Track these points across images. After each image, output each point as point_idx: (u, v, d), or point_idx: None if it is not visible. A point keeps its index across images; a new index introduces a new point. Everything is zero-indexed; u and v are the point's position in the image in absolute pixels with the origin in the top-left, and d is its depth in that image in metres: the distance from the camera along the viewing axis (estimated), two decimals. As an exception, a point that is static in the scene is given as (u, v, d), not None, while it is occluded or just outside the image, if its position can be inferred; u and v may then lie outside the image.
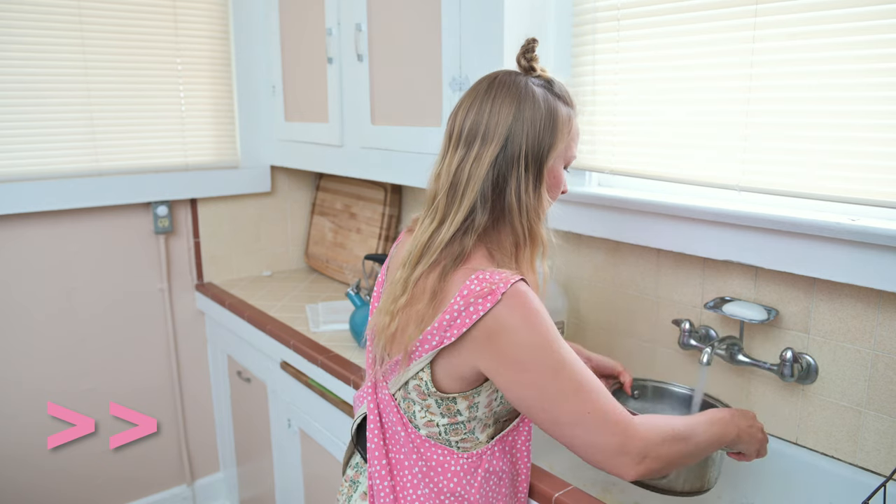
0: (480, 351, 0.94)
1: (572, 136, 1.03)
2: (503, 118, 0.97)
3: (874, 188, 1.07)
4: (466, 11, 1.48)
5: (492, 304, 0.91)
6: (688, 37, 1.28)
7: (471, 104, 1.00)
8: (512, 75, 1.01)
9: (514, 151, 0.96)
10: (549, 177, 1.01)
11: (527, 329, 0.91)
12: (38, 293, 2.09)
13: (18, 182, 1.98)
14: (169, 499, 2.42)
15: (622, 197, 1.42)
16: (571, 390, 0.91)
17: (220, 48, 2.28)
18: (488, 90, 0.99)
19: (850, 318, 1.18)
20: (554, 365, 0.91)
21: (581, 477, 1.40)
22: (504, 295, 0.91)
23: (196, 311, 2.39)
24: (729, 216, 1.23)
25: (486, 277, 0.92)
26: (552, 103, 0.99)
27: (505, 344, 0.92)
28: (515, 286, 0.92)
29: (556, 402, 0.92)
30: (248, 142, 2.37)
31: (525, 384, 0.92)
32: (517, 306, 0.91)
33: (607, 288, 1.59)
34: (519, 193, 0.97)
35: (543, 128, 0.97)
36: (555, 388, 0.91)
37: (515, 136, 0.96)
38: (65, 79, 2.02)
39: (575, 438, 0.93)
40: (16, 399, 2.09)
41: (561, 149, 1.00)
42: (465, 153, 0.98)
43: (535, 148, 0.97)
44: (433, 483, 1.04)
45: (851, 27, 1.07)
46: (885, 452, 1.17)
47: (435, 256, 0.97)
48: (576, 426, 0.92)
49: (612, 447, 0.91)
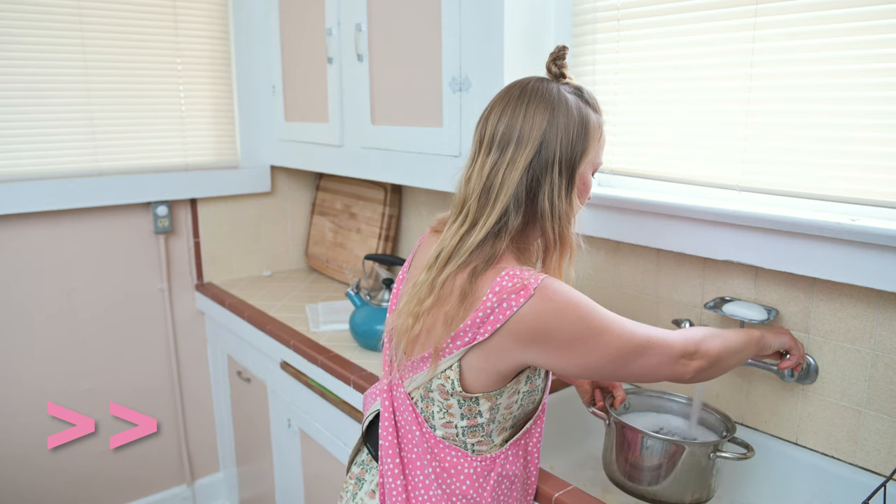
0: (527, 347, 0.95)
1: (601, 143, 1.05)
2: (538, 123, 0.98)
3: (874, 188, 1.07)
4: (466, 11, 1.48)
5: (525, 299, 0.92)
6: (688, 37, 1.28)
7: (503, 109, 1.00)
8: (544, 82, 1.02)
9: (548, 157, 0.97)
10: (580, 182, 1.02)
11: (567, 320, 0.94)
12: (38, 293, 2.09)
13: (18, 182, 1.98)
14: (169, 499, 2.42)
15: (622, 197, 1.42)
16: (629, 343, 0.97)
17: (220, 48, 2.28)
18: (521, 96, 1.00)
19: (850, 318, 1.18)
20: (603, 335, 0.95)
21: (581, 477, 1.40)
22: (536, 289, 0.92)
23: (196, 311, 2.39)
24: (729, 216, 1.23)
25: (517, 273, 0.94)
26: (584, 110, 1.01)
27: (552, 338, 0.94)
28: (545, 280, 0.94)
29: (625, 359, 0.97)
30: (248, 142, 2.37)
31: (586, 356, 0.96)
32: (550, 299, 0.93)
33: (607, 288, 1.59)
34: (552, 198, 0.99)
35: (577, 134, 0.99)
36: (615, 350, 0.96)
37: (550, 141, 0.97)
38: (65, 79, 2.02)
39: (642, 368, 1.00)
40: (16, 399, 2.09)
41: (591, 155, 1.02)
42: (499, 157, 0.99)
43: (568, 154, 0.99)
44: (445, 485, 1.04)
45: (851, 27, 1.07)
46: (885, 452, 1.17)
47: (465, 258, 0.98)
48: (649, 368, 1.00)
49: (670, 359, 1.00)
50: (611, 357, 0.97)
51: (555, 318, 0.93)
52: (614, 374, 1.01)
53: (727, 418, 1.22)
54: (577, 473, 1.41)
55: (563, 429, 1.52)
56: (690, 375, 1.02)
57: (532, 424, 1.09)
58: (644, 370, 1.00)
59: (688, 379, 1.03)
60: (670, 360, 1.00)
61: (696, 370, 1.02)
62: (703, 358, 1.02)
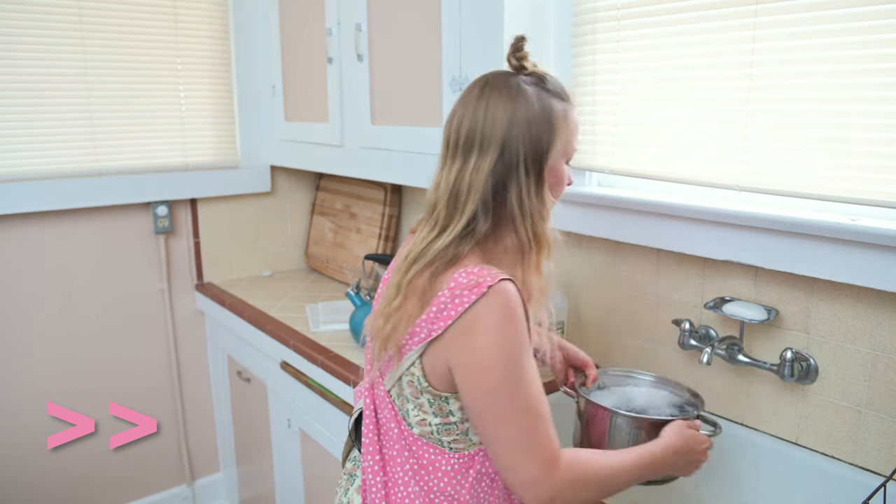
0: (457, 343, 0.93)
1: (571, 131, 1.01)
2: (498, 123, 0.95)
3: (874, 188, 1.07)
4: (466, 11, 1.48)
5: (477, 296, 0.90)
6: (688, 37, 1.28)
7: (465, 109, 0.99)
8: (503, 76, 0.99)
9: (511, 157, 0.95)
10: (551, 176, 1.00)
11: (501, 333, 0.91)
12: (38, 293, 2.09)
13: (18, 182, 1.98)
14: (169, 499, 2.42)
15: (622, 197, 1.42)
16: (520, 409, 0.91)
17: (220, 48, 2.28)
18: (481, 95, 0.98)
19: (850, 317, 1.18)
20: (514, 379, 0.91)
21: (581, 477, 1.40)
22: (490, 288, 0.90)
23: (196, 311, 2.39)
24: (729, 216, 1.23)
25: (475, 272, 0.93)
26: (546, 101, 0.97)
27: (477, 342, 0.92)
28: (502, 283, 0.92)
29: (501, 415, 0.92)
30: (248, 142, 2.37)
31: (481, 388, 0.92)
32: (498, 305, 0.91)
33: (607, 288, 1.59)
34: (521, 198, 0.96)
35: (539, 128, 0.96)
36: (506, 401, 0.91)
37: (512, 140, 0.95)
38: (65, 79, 2.02)
39: (500, 455, 0.94)
40: (16, 399, 2.09)
41: (560, 146, 0.99)
42: (464, 162, 0.97)
43: (533, 150, 0.96)
44: (423, 482, 1.03)
45: (851, 27, 1.07)
46: (885, 452, 1.17)
47: (428, 259, 0.97)
48: (507, 444, 0.92)
49: (528, 477, 0.92)
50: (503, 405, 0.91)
51: (493, 322, 0.91)
52: (481, 418, 0.94)
53: (696, 395, 1.19)
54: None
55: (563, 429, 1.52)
56: (540, 501, 0.93)
57: None
58: (503, 446, 0.93)
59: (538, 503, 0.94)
60: (530, 477, 0.91)
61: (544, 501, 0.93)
62: (559, 502, 0.93)
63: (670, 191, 1.42)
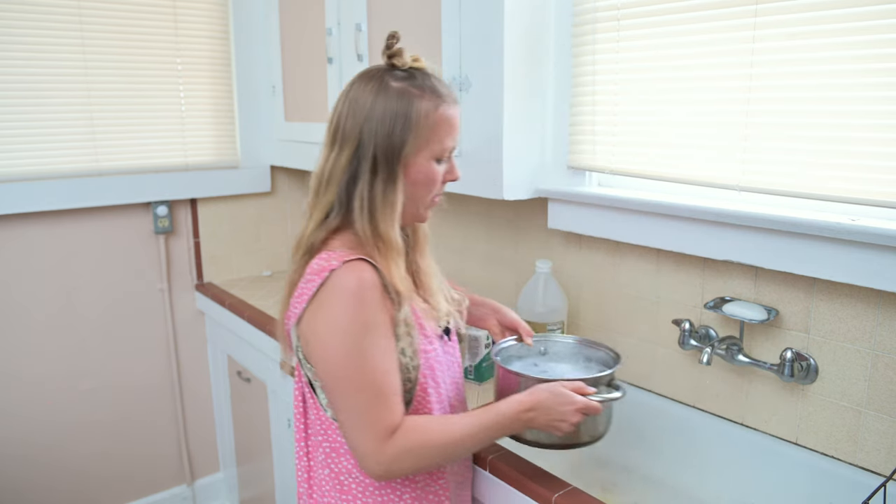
0: (308, 325, 0.98)
1: (436, 128, 0.99)
2: (358, 118, 0.97)
3: (874, 188, 1.07)
4: (466, 11, 1.48)
5: (321, 280, 0.96)
6: (688, 37, 1.28)
7: (337, 102, 1.02)
8: (374, 72, 1.00)
9: (364, 152, 0.97)
10: (414, 174, 1.00)
11: (341, 313, 0.94)
12: (38, 293, 2.09)
13: (18, 182, 1.98)
14: (169, 499, 2.41)
15: (622, 197, 1.42)
16: (360, 386, 0.95)
17: (220, 48, 2.28)
18: (350, 89, 1.00)
19: (850, 317, 1.18)
20: (354, 357, 0.95)
21: (581, 477, 1.40)
22: (333, 272, 0.95)
23: (196, 311, 2.39)
24: (729, 216, 1.23)
25: (324, 257, 0.98)
26: (408, 98, 0.97)
27: (321, 322, 0.96)
28: (350, 264, 0.95)
29: (342, 391, 0.96)
30: (248, 142, 2.37)
31: (326, 366, 0.97)
32: (340, 287, 0.95)
33: (607, 288, 1.59)
34: (362, 195, 0.98)
35: (394, 125, 0.96)
36: (346, 378, 0.95)
37: (367, 135, 0.97)
38: (65, 79, 2.02)
39: (343, 429, 0.99)
40: (16, 399, 2.09)
41: (421, 144, 0.98)
42: (329, 153, 1.01)
43: (385, 147, 0.97)
44: (334, 463, 1.06)
45: (851, 27, 1.07)
46: (885, 452, 1.17)
47: (303, 250, 1.03)
48: (347, 419, 0.97)
49: (362, 451, 0.96)
50: (342, 380, 0.96)
51: (333, 300, 0.95)
52: (329, 394, 0.99)
53: (616, 358, 1.17)
54: (577, 473, 1.41)
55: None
56: (374, 479, 1.00)
57: (418, 404, 1.04)
58: (344, 421, 0.98)
59: (373, 478, 0.99)
60: (365, 450, 0.96)
61: (379, 479, 1.00)
62: (391, 476, 0.99)
63: (670, 191, 1.42)
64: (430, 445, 0.98)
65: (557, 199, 1.57)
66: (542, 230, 1.71)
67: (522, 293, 1.58)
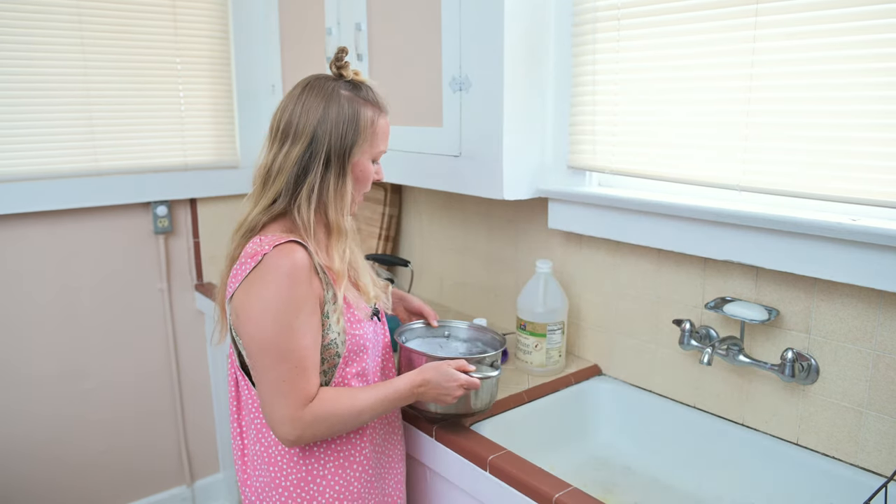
0: (240, 300, 1.08)
1: (377, 134, 1.16)
2: (311, 119, 1.11)
3: (875, 188, 1.07)
4: (466, 11, 1.48)
5: (255, 262, 1.06)
6: (688, 37, 1.28)
7: (286, 104, 1.15)
8: (323, 80, 1.15)
9: (317, 149, 1.11)
10: (357, 172, 1.15)
11: (272, 289, 1.05)
12: (38, 293, 2.09)
13: (18, 182, 1.98)
14: (168, 499, 2.41)
15: (622, 197, 1.42)
16: (282, 357, 1.05)
17: (220, 48, 2.28)
18: (301, 93, 1.14)
19: (850, 318, 1.18)
20: (280, 331, 1.05)
21: (582, 477, 1.40)
22: (266, 255, 1.06)
23: (196, 311, 2.39)
24: (729, 216, 1.23)
25: (262, 240, 1.09)
26: (356, 107, 1.13)
27: (252, 297, 1.06)
28: (281, 247, 1.06)
29: (266, 361, 1.06)
30: (247, 142, 2.37)
31: (252, 337, 1.07)
32: (273, 267, 1.05)
33: (608, 288, 1.59)
34: (312, 186, 1.11)
35: (346, 128, 1.12)
36: (270, 349, 1.05)
37: (320, 135, 1.10)
38: (65, 79, 2.02)
39: (261, 395, 1.09)
40: (16, 399, 2.09)
41: (365, 146, 1.14)
42: (279, 148, 1.13)
43: (338, 146, 1.11)
44: (264, 437, 1.16)
45: (852, 27, 1.07)
46: (886, 453, 1.17)
47: (242, 231, 1.15)
48: (268, 386, 1.07)
49: (279, 416, 1.07)
50: (264, 351, 1.06)
51: (262, 278, 1.05)
52: (252, 363, 1.09)
53: (501, 342, 1.33)
54: (578, 473, 1.41)
55: (563, 429, 1.52)
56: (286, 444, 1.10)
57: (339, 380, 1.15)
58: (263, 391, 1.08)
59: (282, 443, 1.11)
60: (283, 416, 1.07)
61: (291, 444, 1.10)
62: (305, 440, 1.10)
63: (671, 191, 1.42)
64: (339, 413, 1.10)
65: (558, 199, 1.57)
66: (542, 230, 1.71)
67: (522, 293, 1.58)
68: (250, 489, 1.20)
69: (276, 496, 1.15)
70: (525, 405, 1.45)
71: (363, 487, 1.20)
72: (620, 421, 1.54)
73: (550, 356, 1.56)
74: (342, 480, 1.17)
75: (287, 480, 1.15)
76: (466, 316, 1.96)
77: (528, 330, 1.55)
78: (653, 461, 1.44)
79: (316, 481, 1.16)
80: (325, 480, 1.16)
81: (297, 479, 1.15)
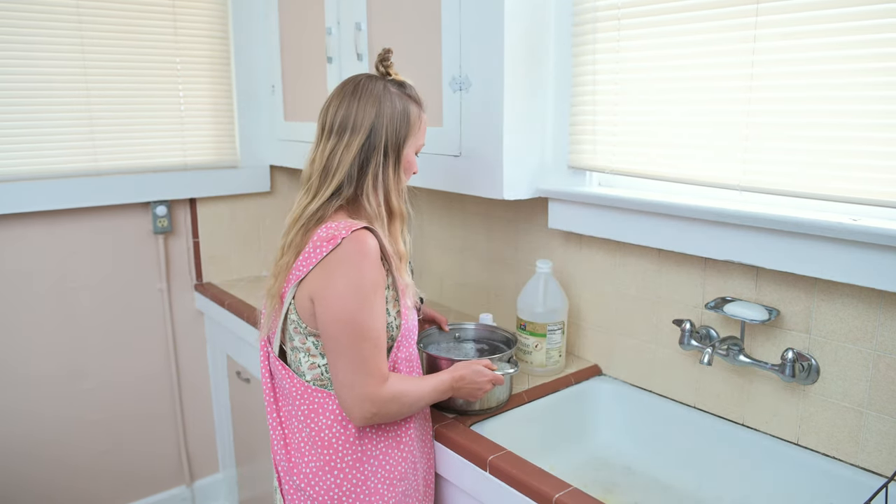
0: (317, 282, 1.13)
1: (422, 129, 1.25)
2: (368, 114, 1.18)
3: (875, 188, 1.07)
4: (466, 11, 1.48)
5: (333, 245, 1.11)
6: (688, 37, 1.28)
7: (340, 102, 1.21)
8: (373, 79, 1.22)
9: (376, 141, 1.18)
10: (405, 162, 1.23)
11: (353, 270, 1.11)
12: (38, 293, 2.09)
13: (18, 182, 1.98)
14: (168, 499, 2.41)
15: (622, 197, 1.42)
16: (364, 336, 1.12)
17: (220, 48, 2.28)
18: (354, 91, 1.20)
19: (851, 318, 1.18)
20: (362, 310, 1.11)
21: (582, 477, 1.40)
22: (344, 239, 1.11)
23: (195, 312, 2.38)
24: (730, 216, 1.23)
25: (334, 226, 1.14)
26: (406, 103, 1.22)
27: (333, 278, 1.11)
28: (357, 232, 1.12)
29: (347, 339, 1.11)
30: (247, 141, 2.37)
31: (334, 316, 1.11)
32: (352, 250, 1.11)
33: (608, 288, 1.59)
34: (377, 175, 1.19)
35: (400, 123, 1.20)
36: (352, 328, 1.11)
37: (378, 129, 1.18)
38: (65, 79, 2.01)
39: (340, 373, 1.13)
40: (15, 399, 2.09)
41: (412, 139, 1.23)
42: (337, 142, 1.19)
43: (394, 139, 1.20)
44: (313, 423, 1.20)
45: (852, 27, 1.06)
46: (886, 453, 1.16)
47: (303, 221, 1.19)
48: (348, 365, 1.12)
49: (362, 393, 1.13)
50: (345, 328, 1.11)
51: (347, 258, 1.11)
52: (331, 342, 1.13)
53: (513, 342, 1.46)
54: (578, 473, 1.41)
55: (563, 429, 1.52)
56: (359, 422, 1.16)
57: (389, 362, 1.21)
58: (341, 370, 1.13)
59: (355, 422, 1.16)
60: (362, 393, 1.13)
61: (365, 422, 1.16)
62: (379, 417, 1.16)
63: (671, 191, 1.42)
64: (410, 393, 1.18)
65: (558, 199, 1.56)
66: (542, 230, 1.71)
67: (522, 293, 1.58)
68: (299, 475, 1.22)
69: (332, 478, 1.20)
70: (525, 405, 1.45)
71: (408, 468, 1.25)
72: (620, 421, 1.54)
73: (550, 356, 1.56)
74: (392, 460, 1.23)
75: (343, 462, 1.19)
76: (467, 316, 1.96)
77: (529, 330, 1.55)
78: (653, 461, 1.44)
79: (370, 461, 1.21)
80: (376, 461, 1.21)
81: (353, 459, 1.20)
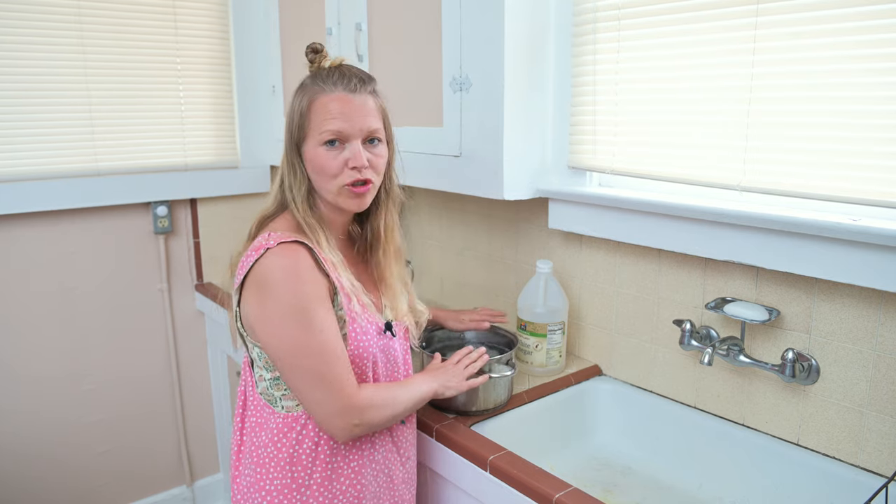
0: (250, 297, 1.07)
1: (314, 116, 1.10)
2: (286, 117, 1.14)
3: (876, 188, 1.07)
4: (466, 11, 1.48)
5: (256, 256, 1.05)
6: (689, 36, 1.28)
7: None
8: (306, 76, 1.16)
9: (286, 146, 1.14)
10: (308, 163, 1.12)
11: (281, 287, 1.03)
12: (38, 293, 2.09)
13: (18, 182, 1.98)
14: (168, 499, 2.41)
15: (622, 197, 1.42)
16: (314, 351, 1.03)
17: (220, 48, 2.28)
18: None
19: (851, 318, 1.18)
20: (302, 325, 1.03)
21: (582, 477, 1.40)
22: (269, 250, 1.04)
23: (195, 312, 2.38)
24: (730, 216, 1.23)
25: (267, 235, 1.08)
26: (305, 94, 1.11)
27: (263, 295, 1.04)
28: (285, 245, 1.05)
29: (296, 358, 1.04)
30: (247, 142, 2.37)
31: (274, 335, 1.04)
32: (277, 265, 1.04)
33: (608, 288, 1.58)
34: (290, 183, 1.14)
35: (292, 120, 1.12)
36: (298, 345, 1.03)
37: (286, 131, 1.14)
38: (65, 79, 2.01)
39: (304, 393, 1.06)
40: (15, 399, 2.09)
41: (312, 135, 1.10)
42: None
43: (289, 140, 1.14)
44: (256, 437, 1.15)
45: (853, 27, 1.06)
46: (886, 453, 1.16)
47: (258, 218, 1.17)
48: (308, 383, 1.05)
49: (334, 408, 1.05)
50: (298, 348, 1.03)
51: (275, 277, 1.03)
52: (283, 371, 1.07)
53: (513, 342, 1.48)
54: (578, 473, 1.41)
55: (564, 429, 1.52)
56: (343, 437, 1.09)
57: None
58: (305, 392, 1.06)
59: (339, 439, 1.09)
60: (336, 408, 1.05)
61: (350, 436, 1.09)
62: (363, 427, 1.09)
63: (671, 191, 1.42)
64: (391, 393, 1.12)
65: (558, 199, 1.56)
66: (542, 230, 1.71)
67: (522, 293, 1.58)
68: (236, 484, 1.19)
69: (260, 498, 1.13)
70: (525, 405, 1.45)
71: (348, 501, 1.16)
72: (621, 421, 1.54)
73: (551, 356, 1.56)
74: (328, 493, 1.14)
75: (272, 485, 1.12)
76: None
77: (529, 330, 1.55)
78: (653, 461, 1.44)
79: (301, 490, 1.12)
80: (309, 490, 1.13)
81: (281, 485, 1.12)
